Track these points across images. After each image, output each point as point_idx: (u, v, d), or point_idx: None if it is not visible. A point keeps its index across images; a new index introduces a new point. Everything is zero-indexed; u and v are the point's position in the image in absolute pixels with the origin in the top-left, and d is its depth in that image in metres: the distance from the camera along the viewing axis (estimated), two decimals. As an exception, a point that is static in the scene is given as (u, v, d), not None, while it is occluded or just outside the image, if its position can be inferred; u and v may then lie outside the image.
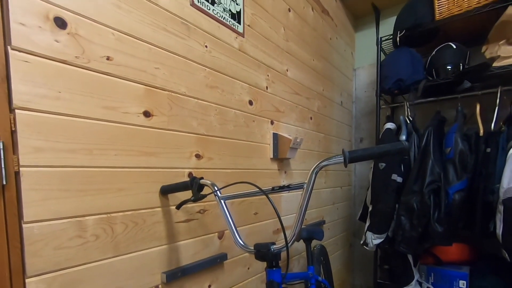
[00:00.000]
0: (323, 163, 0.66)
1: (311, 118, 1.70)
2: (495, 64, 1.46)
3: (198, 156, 0.99)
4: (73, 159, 0.68)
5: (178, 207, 0.87)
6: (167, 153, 0.89)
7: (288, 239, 0.67)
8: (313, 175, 0.68)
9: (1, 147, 0.58)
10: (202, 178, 0.82)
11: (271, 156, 1.35)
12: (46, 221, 0.63)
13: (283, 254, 1.36)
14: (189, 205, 0.96)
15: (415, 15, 1.69)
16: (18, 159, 0.59)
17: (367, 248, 1.70)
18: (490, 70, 1.46)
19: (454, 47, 1.61)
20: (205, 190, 0.82)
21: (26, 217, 0.60)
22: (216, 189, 0.79)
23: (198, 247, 1.00)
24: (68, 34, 0.67)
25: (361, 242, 1.74)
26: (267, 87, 1.33)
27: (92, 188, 0.71)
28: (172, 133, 0.90)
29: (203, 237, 1.02)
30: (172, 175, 0.90)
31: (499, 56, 1.45)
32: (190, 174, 0.96)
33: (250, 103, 1.23)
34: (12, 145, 0.60)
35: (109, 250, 0.74)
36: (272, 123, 1.36)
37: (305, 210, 0.68)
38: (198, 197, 0.78)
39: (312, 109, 1.72)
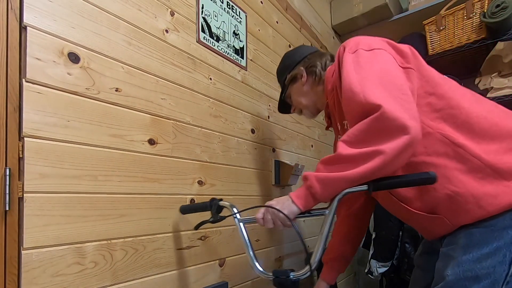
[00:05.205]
0: (347, 190, 0.66)
1: (312, 146, 1.73)
2: (489, 95, 1.51)
3: (200, 183, 1.00)
4: (78, 185, 0.69)
5: (197, 227, 0.87)
6: (170, 179, 0.90)
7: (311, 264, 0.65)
8: (336, 202, 0.67)
9: (8, 174, 0.60)
10: (221, 199, 0.82)
11: (273, 183, 1.36)
12: (46, 247, 0.63)
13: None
14: (190, 231, 0.96)
15: (408, 50, 1.78)
16: (23, 185, 0.61)
17: (371, 277, 1.64)
18: (485, 101, 1.51)
19: (449, 79, 1.67)
20: (224, 212, 0.82)
21: (26, 244, 0.60)
22: (236, 211, 0.79)
23: (199, 275, 0.98)
24: (80, 67, 0.71)
25: (366, 270, 1.68)
26: (268, 116, 1.38)
27: (94, 214, 0.72)
28: (176, 160, 0.92)
29: (203, 265, 1.00)
30: (173, 201, 0.91)
31: (492, 87, 1.50)
32: (192, 201, 0.97)
33: (252, 131, 1.26)
34: (18, 171, 0.61)
35: (107, 278, 0.73)
36: (273, 150, 1.39)
37: (327, 236, 0.67)
38: (217, 218, 0.79)
39: (313, 137, 1.75)
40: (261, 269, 0.73)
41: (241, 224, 0.78)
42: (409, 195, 0.75)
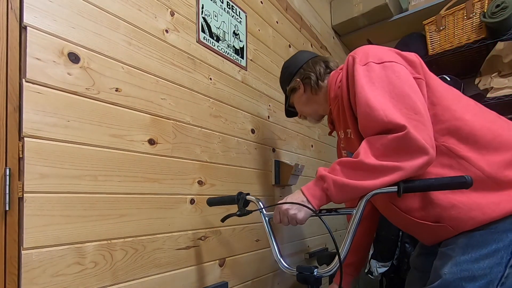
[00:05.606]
0: (374, 192, 0.66)
1: (312, 146, 1.73)
2: (489, 95, 1.51)
3: (200, 183, 1.00)
4: (78, 185, 0.69)
5: (223, 220, 0.88)
6: (170, 179, 0.90)
7: (337, 260, 0.66)
8: (363, 202, 0.68)
9: (8, 174, 0.60)
10: (248, 194, 0.84)
11: (273, 183, 1.36)
12: (46, 247, 0.63)
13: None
14: (190, 231, 0.96)
15: (408, 50, 1.78)
16: (23, 185, 0.61)
17: (371, 277, 1.64)
18: (485, 101, 1.51)
19: (449, 79, 1.67)
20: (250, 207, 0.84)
21: (26, 244, 0.60)
22: (262, 206, 0.80)
23: (199, 275, 0.98)
24: (80, 67, 0.71)
25: (365, 270, 1.68)
26: (268, 116, 1.38)
27: (94, 214, 0.72)
28: (176, 160, 0.92)
29: (203, 265, 1.00)
30: (173, 201, 0.91)
31: (492, 87, 1.50)
32: (192, 201, 0.97)
33: (252, 131, 1.26)
34: (18, 171, 0.61)
35: (107, 278, 0.73)
36: (273, 150, 1.39)
37: (354, 235, 0.68)
38: (243, 212, 0.80)
39: (313, 137, 1.75)
40: (285, 264, 0.75)
41: (267, 219, 0.80)
42: (412, 205, 0.75)
